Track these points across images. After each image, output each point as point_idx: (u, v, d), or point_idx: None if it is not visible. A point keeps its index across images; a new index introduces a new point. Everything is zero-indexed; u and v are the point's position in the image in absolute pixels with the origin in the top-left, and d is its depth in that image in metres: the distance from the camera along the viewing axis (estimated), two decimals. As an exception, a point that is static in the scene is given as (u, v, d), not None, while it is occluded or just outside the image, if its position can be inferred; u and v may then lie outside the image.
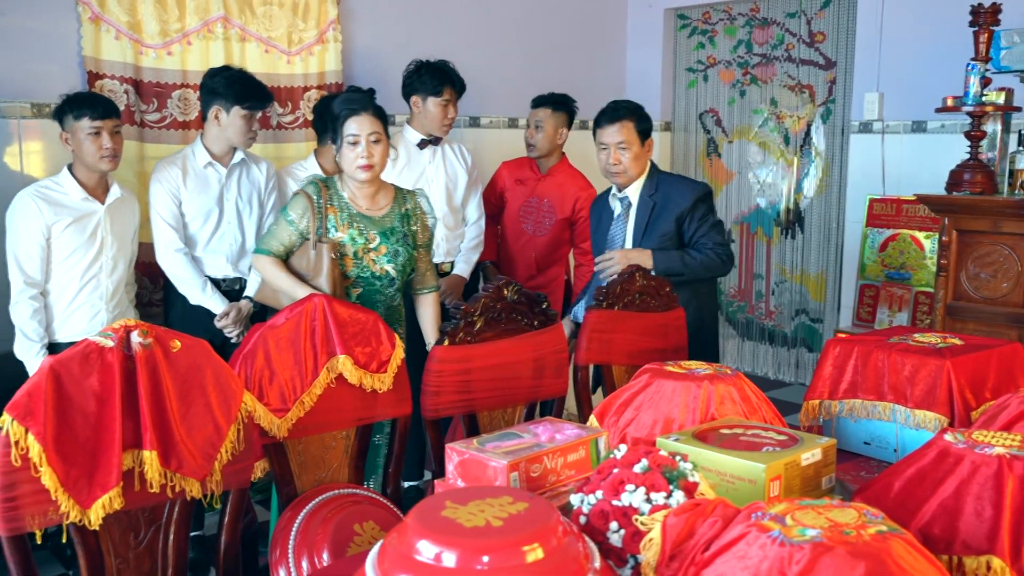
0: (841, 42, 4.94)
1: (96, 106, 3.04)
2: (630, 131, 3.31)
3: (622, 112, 3.33)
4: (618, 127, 3.30)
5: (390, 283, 3.01)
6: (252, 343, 2.14)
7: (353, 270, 2.94)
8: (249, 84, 3.33)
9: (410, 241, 3.03)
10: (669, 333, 2.97)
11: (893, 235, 4.51)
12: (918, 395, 2.19)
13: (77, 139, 3.03)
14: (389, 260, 2.98)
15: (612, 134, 3.31)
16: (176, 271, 3.35)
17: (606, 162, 3.34)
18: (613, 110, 3.36)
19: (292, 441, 2.21)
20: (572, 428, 1.78)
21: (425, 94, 3.92)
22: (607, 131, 3.33)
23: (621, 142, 3.30)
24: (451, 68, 3.98)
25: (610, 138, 3.31)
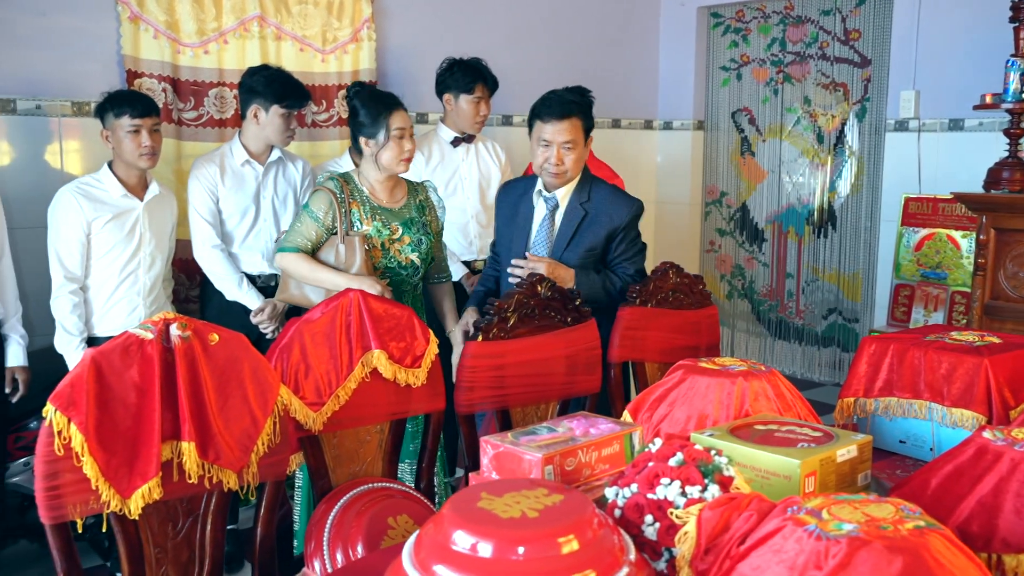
0: (877, 40, 4.90)
1: (136, 104, 3.08)
2: (577, 129, 2.95)
3: (572, 108, 2.94)
4: (567, 124, 2.92)
5: (415, 272, 3.08)
6: (288, 337, 2.17)
7: (381, 261, 2.99)
8: (288, 83, 3.36)
9: (429, 230, 3.09)
10: (702, 330, 2.96)
11: (929, 234, 4.46)
12: (955, 393, 2.17)
13: (117, 137, 3.07)
14: (413, 249, 3.03)
15: (559, 132, 2.92)
16: (213, 267, 3.39)
17: (545, 161, 2.95)
18: (561, 104, 2.94)
19: (327, 435, 2.23)
20: (606, 423, 1.78)
21: (457, 91, 3.95)
22: (553, 127, 2.92)
23: (568, 141, 2.92)
24: (483, 65, 4.00)
25: (556, 136, 2.92)
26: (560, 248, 2.99)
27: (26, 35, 3.52)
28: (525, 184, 3.16)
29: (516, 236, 3.08)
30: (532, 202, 3.09)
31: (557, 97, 2.98)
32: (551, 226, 3.03)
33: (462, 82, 3.94)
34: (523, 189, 3.14)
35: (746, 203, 5.62)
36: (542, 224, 3.05)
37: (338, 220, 2.95)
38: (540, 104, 2.99)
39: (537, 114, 2.98)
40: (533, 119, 3.00)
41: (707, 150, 5.72)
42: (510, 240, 3.10)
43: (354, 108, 3.04)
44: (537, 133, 2.98)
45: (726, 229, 5.75)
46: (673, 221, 5.78)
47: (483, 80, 3.97)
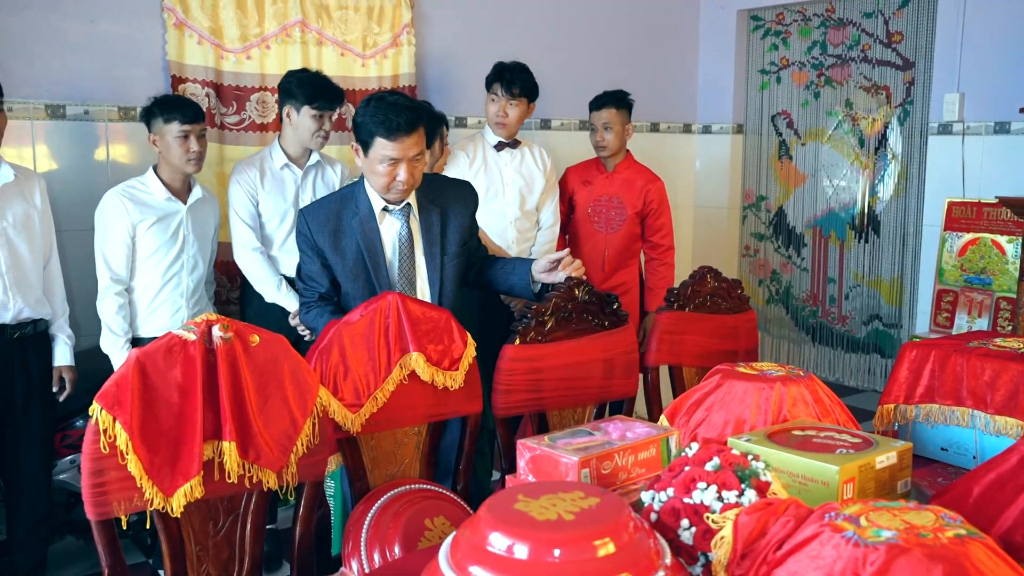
0: (920, 42, 4.84)
1: (186, 110, 3.14)
2: (423, 138, 2.66)
3: (416, 116, 2.60)
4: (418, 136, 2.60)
5: None
6: (327, 339, 2.19)
7: None
8: (319, 84, 3.39)
9: None
10: (740, 335, 2.95)
11: (973, 239, 4.39)
12: (999, 401, 2.14)
13: (166, 142, 3.13)
14: None
15: (412, 145, 2.58)
16: (252, 270, 3.43)
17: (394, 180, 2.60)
18: (405, 113, 2.56)
19: (365, 436, 2.25)
20: (643, 427, 1.78)
21: (488, 92, 3.94)
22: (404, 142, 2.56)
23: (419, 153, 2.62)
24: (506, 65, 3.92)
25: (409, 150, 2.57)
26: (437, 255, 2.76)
27: (75, 42, 3.60)
28: (335, 205, 2.73)
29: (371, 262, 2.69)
30: (373, 220, 2.71)
31: (396, 107, 2.57)
32: (409, 239, 2.74)
33: (487, 83, 3.96)
34: (344, 205, 2.73)
35: (783, 207, 5.57)
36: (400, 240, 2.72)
37: None
38: (376, 117, 2.56)
39: (376, 130, 2.56)
40: (369, 134, 2.58)
41: (746, 154, 5.68)
42: (358, 268, 2.70)
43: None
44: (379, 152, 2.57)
45: (764, 234, 5.70)
46: (711, 225, 5.75)
47: (498, 80, 3.89)
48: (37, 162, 3.55)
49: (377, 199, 2.69)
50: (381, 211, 2.70)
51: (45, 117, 3.56)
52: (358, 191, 2.72)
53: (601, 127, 4.16)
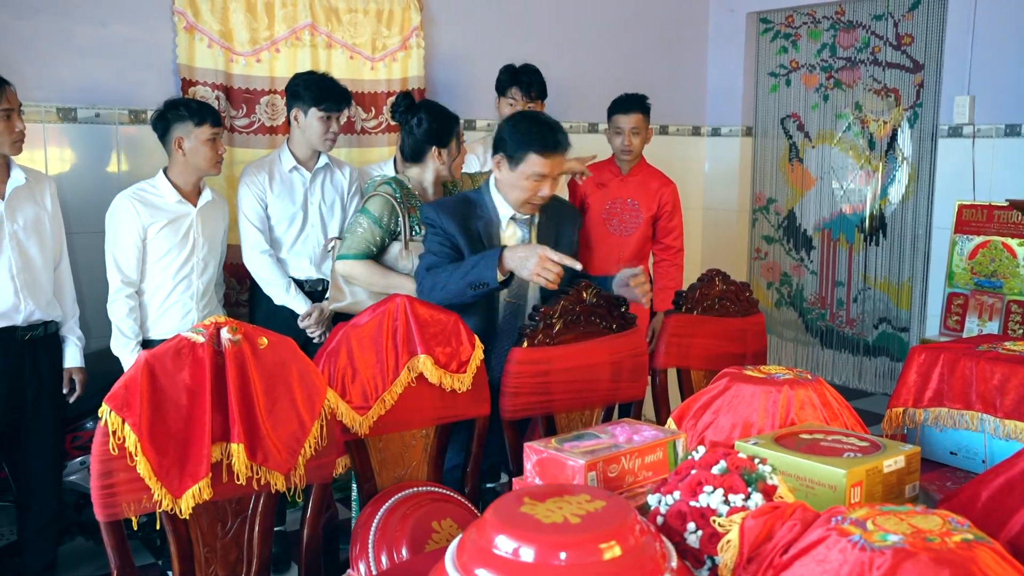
0: (930, 44, 4.82)
1: (215, 115, 3.18)
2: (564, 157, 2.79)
3: (566, 138, 2.76)
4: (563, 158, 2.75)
5: None
6: (335, 341, 2.20)
7: None
8: (325, 86, 3.40)
9: None
10: (748, 338, 2.94)
11: (984, 242, 4.37)
12: (1008, 405, 2.13)
13: (194, 144, 3.14)
14: None
15: (560, 163, 2.73)
16: (261, 272, 3.44)
17: (535, 194, 2.72)
18: (559, 133, 2.72)
19: (373, 438, 2.26)
20: (650, 430, 1.78)
21: (499, 96, 4.01)
22: (554, 160, 2.69)
23: (561, 173, 2.79)
24: (517, 68, 4.01)
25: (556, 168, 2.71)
26: None
27: (87, 46, 3.62)
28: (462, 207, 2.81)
29: None
30: (498, 227, 2.81)
31: (550, 127, 2.73)
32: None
33: (499, 85, 4.02)
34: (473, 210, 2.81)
35: (793, 210, 5.56)
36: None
37: (401, 225, 3.01)
38: (532, 134, 2.68)
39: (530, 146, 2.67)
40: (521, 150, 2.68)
41: (755, 157, 5.68)
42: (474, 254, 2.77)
43: (421, 120, 3.09)
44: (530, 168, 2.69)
45: (774, 236, 5.69)
46: (720, 228, 5.74)
47: (513, 83, 3.97)
48: (48, 165, 3.57)
49: (506, 208, 2.79)
50: (508, 220, 2.80)
51: (56, 120, 3.58)
52: (484, 197, 2.81)
53: (629, 131, 4.09)
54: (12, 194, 2.91)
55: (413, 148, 3.11)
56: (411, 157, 3.13)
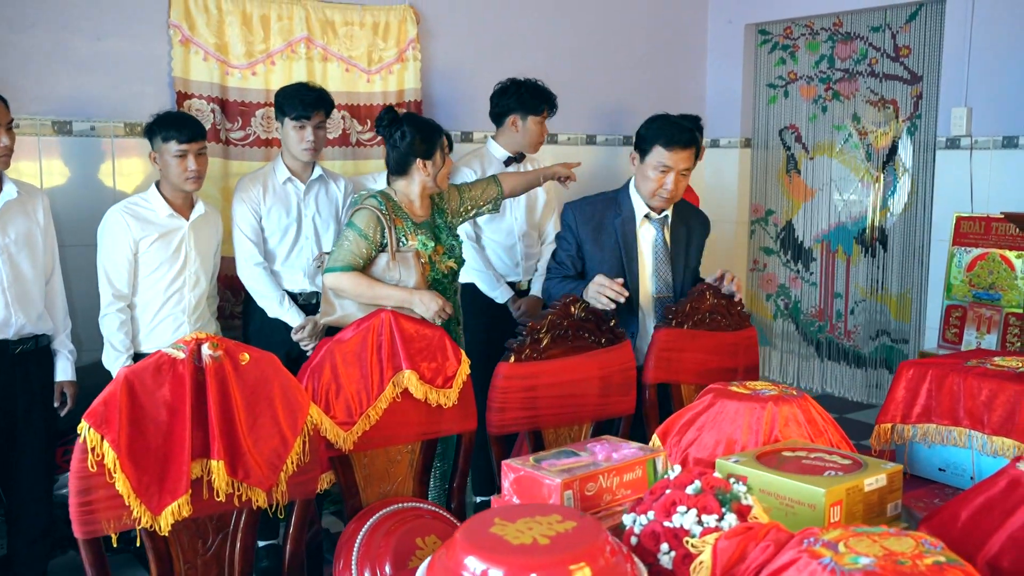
0: (928, 56, 4.81)
1: (183, 129, 3.15)
2: (694, 156, 3.02)
3: (694, 137, 3.00)
4: (690, 153, 2.98)
5: (454, 277, 3.23)
6: (319, 357, 2.19)
7: (430, 275, 3.09)
8: (292, 95, 3.41)
9: (453, 231, 3.24)
10: (739, 352, 2.93)
11: (982, 254, 4.36)
12: (996, 421, 2.11)
13: (164, 160, 3.15)
14: (449, 256, 3.15)
15: (684, 159, 2.97)
16: (255, 285, 3.44)
17: (661, 186, 2.97)
18: (686, 132, 2.98)
19: (358, 454, 2.25)
20: (630, 447, 1.77)
21: (525, 113, 3.98)
22: (678, 155, 2.94)
23: (687, 168, 2.99)
24: (548, 88, 4.06)
25: (680, 163, 2.96)
26: (680, 266, 3.13)
27: (82, 59, 3.63)
28: (602, 205, 3.11)
29: (627, 260, 3.03)
30: (633, 223, 3.06)
31: (679, 123, 3.02)
32: (665, 246, 3.10)
33: (531, 104, 3.98)
34: (604, 210, 3.09)
35: (792, 222, 5.55)
36: (657, 246, 3.09)
37: (388, 237, 3.01)
38: (661, 129, 2.98)
39: (657, 139, 2.96)
40: (650, 143, 2.97)
41: (754, 168, 5.67)
42: (611, 263, 3.02)
43: (404, 133, 3.09)
44: (655, 158, 2.96)
45: (772, 248, 5.68)
46: (719, 239, 5.71)
47: (548, 103, 4.04)
48: (43, 178, 3.58)
49: (641, 206, 3.07)
50: (643, 217, 3.06)
51: (52, 133, 3.59)
52: (623, 196, 3.11)
53: None
54: (4, 208, 2.91)
55: (398, 161, 3.11)
56: (396, 170, 3.13)
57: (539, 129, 4.02)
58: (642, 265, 3.07)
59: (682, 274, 3.12)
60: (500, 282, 4.01)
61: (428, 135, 3.14)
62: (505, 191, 3.43)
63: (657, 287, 3.07)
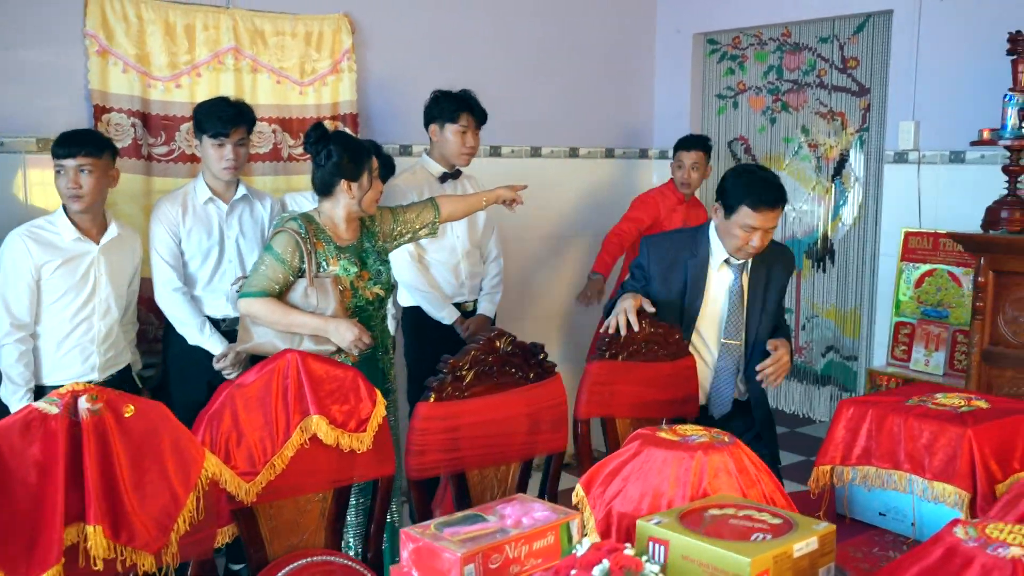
0: (876, 68, 4.74)
1: (64, 144, 2.97)
2: (780, 214, 2.91)
3: (782, 195, 2.86)
4: (778, 212, 2.85)
5: (380, 304, 3.07)
6: (219, 403, 2.03)
7: (352, 301, 2.96)
8: (212, 111, 3.26)
9: (383, 256, 3.09)
10: (678, 383, 2.81)
11: (929, 270, 4.29)
12: (937, 466, 2.01)
13: (56, 178, 2.98)
14: (375, 282, 3.01)
15: (772, 219, 2.84)
16: (174, 311, 3.27)
17: (747, 244, 2.87)
18: (774, 190, 2.83)
19: (263, 505, 2.09)
20: (543, 510, 1.63)
21: (443, 121, 3.85)
22: (766, 215, 2.81)
23: (773, 227, 2.88)
24: (471, 95, 3.90)
25: (768, 223, 2.83)
26: (757, 310, 3.01)
27: (-10, 70, 3.43)
28: (681, 243, 3.05)
29: (690, 301, 2.98)
30: (706, 266, 2.99)
31: (770, 184, 2.86)
32: (740, 292, 3.00)
33: (447, 111, 3.84)
34: (686, 246, 3.03)
35: (744, 234, 5.46)
36: (732, 292, 3.00)
37: (306, 262, 2.87)
38: (749, 189, 2.84)
39: (744, 199, 2.83)
40: (736, 201, 2.85)
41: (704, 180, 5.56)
42: (674, 303, 2.98)
43: (331, 152, 2.95)
44: (742, 219, 2.83)
45: (724, 261, 5.59)
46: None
47: (469, 110, 3.86)
48: (-52, 197, 3.37)
49: (720, 250, 2.98)
50: (722, 263, 2.98)
51: (-43, 150, 3.38)
52: (702, 236, 3.02)
53: (689, 166, 4.66)
54: None
55: (322, 181, 2.97)
56: (321, 190, 2.98)
57: (458, 139, 3.84)
58: (711, 311, 3.00)
59: (758, 320, 3.02)
60: (446, 303, 3.87)
61: (356, 156, 3.00)
62: (443, 215, 3.28)
63: (727, 332, 3.00)
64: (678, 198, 4.72)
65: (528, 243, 4.96)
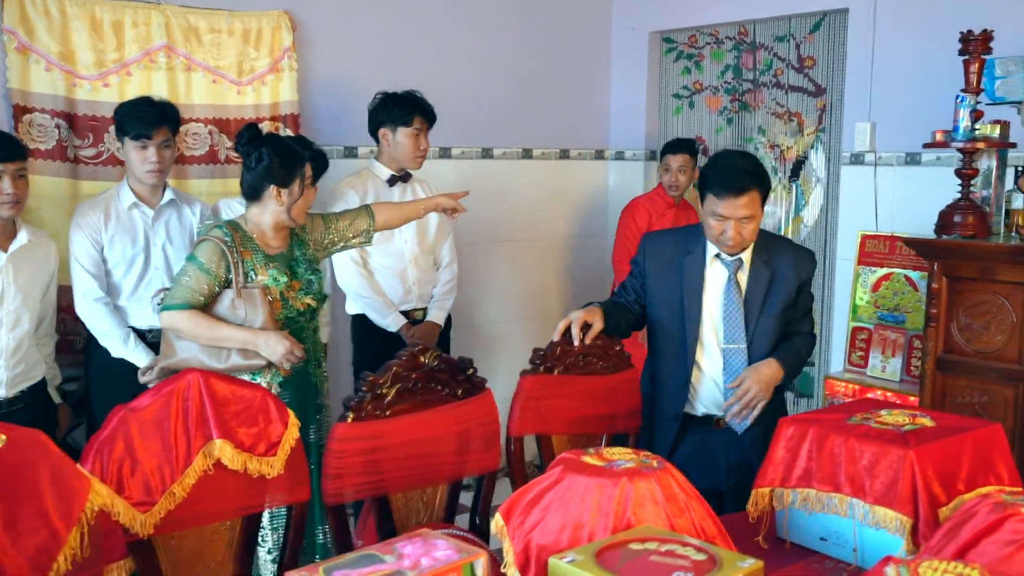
0: (832, 68, 4.65)
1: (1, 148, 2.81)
2: (755, 203, 2.67)
3: (748, 183, 2.64)
4: (747, 200, 2.64)
5: (312, 316, 2.96)
6: (110, 428, 1.88)
7: (282, 312, 2.83)
8: (133, 112, 3.12)
9: (314, 264, 2.97)
10: (619, 397, 2.69)
11: (886, 274, 4.19)
12: (878, 489, 1.90)
13: None
14: (305, 292, 2.89)
15: (740, 207, 2.63)
16: (95, 322, 3.12)
17: (721, 234, 2.68)
18: (740, 177, 2.64)
19: (163, 537, 1.95)
20: (447, 547, 1.50)
21: (394, 125, 3.73)
22: (731, 204, 2.63)
23: (748, 216, 2.66)
24: (420, 97, 3.79)
25: (736, 211, 2.64)
26: (755, 312, 2.76)
27: (-101, 68, 3.25)
28: (680, 239, 2.89)
29: (688, 302, 2.78)
30: (703, 262, 2.80)
31: (730, 168, 2.69)
32: (738, 290, 2.77)
33: (398, 115, 3.72)
34: (682, 244, 2.86)
35: (702, 237, 5.36)
36: (727, 290, 2.77)
37: (232, 271, 2.73)
38: (714, 175, 2.69)
39: (711, 190, 2.68)
40: (704, 189, 2.72)
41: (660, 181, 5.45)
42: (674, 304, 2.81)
43: (262, 155, 2.82)
44: (709, 207, 2.69)
45: (682, 264, 5.48)
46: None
47: (421, 112, 3.75)
48: None
49: (712, 246, 2.80)
50: (713, 256, 2.79)
51: None
52: (698, 232, 2.85)
53: (676, 169, 4.70)
54: None
55: (251, 185, 2.83)
56: (249, 195, 2.85)
57: (412, 143, 3.74)
58: (711, 313, 2.78)
59: (755, 323, 2.76)
60: (391, 310, 3.74)
61: (288, 161, 2.86)
62: (378, 223, 3.15)
63: (727, 336, 2.76)
64: (667, 202, 4.75)
65: (479, 247, 4.82)
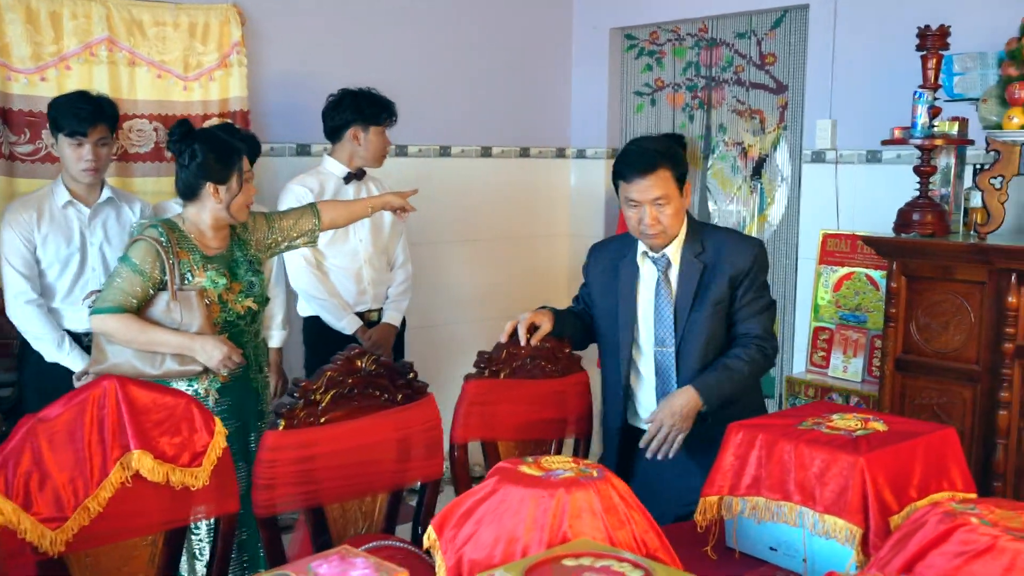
0: (793, 65, 4.60)
1: None
2: (667, 181, 2.52)
3: (654, 160, 2.52)
4: (657, 178, 2.50)
5: (253, 319, 2.84)
6: (16, 440, 1.77)
7: (220, 316, 2.73)
8: (68, 108, 3.00)
9: (256, 265, 2.85)
10: (568, 400, 2.61)
11: (848, 274, 4.15)
12: (828, 497, 1.83)
13: None
14: (246, 295, 2.78)
15: (650, 188, 2.50)
16: (28, 325, 3.00)
17: (638, 222, 2.55)
18: (645, 155, 2.54)
19: (77, 554, 1.84)
20: (365, 566, 1.41)
21: (366, 124, 3.65)
22: (639, 185, 2.50)
23: (661, 196, 2.52)
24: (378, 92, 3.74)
25: (647, 193, 2.50)
26: (685, 309, 2.59)
27: None
28: (619, 244, 2.78)
29: (622, 306, 2.66)
30: (635, 264, 2.68)
31: (635, 148, 2.61)
32: (668, 288, 2.62)
33: (370, 114, 3.65)
34: (618, 250, 2.75)
35: (665, 236, 5.29)
36: (658, 288, 2.63)
37: (168, 273, 2.62)
38: (619, 160, 2.60)
39: (618, 174, 2.58)
40: (617, 180, 2.60)
41: (623, 179, 5.39)
42: (611, 310, 2.70)
43: (195, 152, 2.71)
44: (622, 194, 2.58)
45: (645, 263, 5.42)
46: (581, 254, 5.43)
47: (390, 111, 3.71)
48: None
49: (642, 244, 2.66)
50: (642, 254, 2.66)
51: None
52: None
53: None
54: None
55: (186, 184, 2.72)
56: (184, 194, 2.74)
57: (381, 140, 3.70)
58: (643, 314, 2.65)
59: (684, 323, 2.59)
60: (346, 311, 3.64)
61: (224, 156, 2.76)
62: (324, 222, 3.05)
63: (658, 338, 2.61)
64: None
65: (438, 247, 4.73)
